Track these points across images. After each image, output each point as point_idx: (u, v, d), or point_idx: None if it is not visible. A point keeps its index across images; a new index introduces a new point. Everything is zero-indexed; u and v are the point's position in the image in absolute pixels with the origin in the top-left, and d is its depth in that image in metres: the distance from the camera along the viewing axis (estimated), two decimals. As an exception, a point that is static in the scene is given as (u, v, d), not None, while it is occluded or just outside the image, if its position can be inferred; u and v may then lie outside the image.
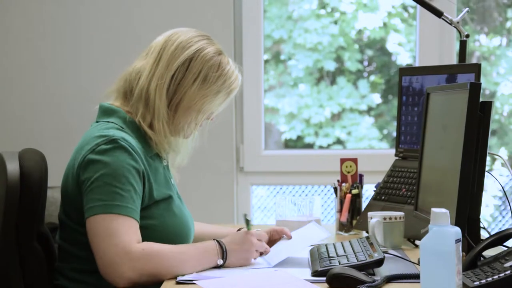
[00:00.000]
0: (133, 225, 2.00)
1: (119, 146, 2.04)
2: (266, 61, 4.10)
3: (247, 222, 2.15)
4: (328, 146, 4.22)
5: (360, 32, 4.21)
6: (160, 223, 2.11)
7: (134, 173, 2.04)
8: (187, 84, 2.16)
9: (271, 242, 2.30)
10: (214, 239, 2.08)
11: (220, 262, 2.04)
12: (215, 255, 2.05)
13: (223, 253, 2.05)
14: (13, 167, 2.07)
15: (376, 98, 4.23)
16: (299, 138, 4.23)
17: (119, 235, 1.96)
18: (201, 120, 2.21)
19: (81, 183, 2.04)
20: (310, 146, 4.22)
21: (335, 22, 4.14)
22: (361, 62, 4.22)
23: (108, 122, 2.14)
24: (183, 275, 1.97)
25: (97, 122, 2.18)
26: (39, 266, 2.12)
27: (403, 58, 4.23)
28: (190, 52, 2.16)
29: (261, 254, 2.15)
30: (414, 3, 3.06)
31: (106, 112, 2.17)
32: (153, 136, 2.14)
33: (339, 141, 4.22)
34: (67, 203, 2.13)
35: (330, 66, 4.18)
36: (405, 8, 4.20)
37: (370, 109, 4.23)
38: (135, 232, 2.00)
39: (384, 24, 4.17)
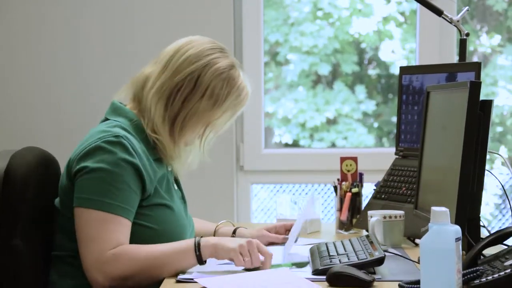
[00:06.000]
0: (120, 225, 1.99)
1: (120, 142, 2.03)
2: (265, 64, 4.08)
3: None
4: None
5: (354, 37, 4.19)
6: (150, 228, 2.09)
7: (130, 169, 2.02)
8: (194, 100, 2.11)
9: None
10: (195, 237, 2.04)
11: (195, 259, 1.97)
12: (192, 253, 1.97)
13: (198, 247, 1.97)
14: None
15: (371, 106, 4.19)
16: (295, 142, 4.21)
17: (99, 241, 1.96)
18: (206, 135, 2.18)
19: (76, 172, 2.03)
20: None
21: (331, 25, 4.12)
22: (358, 64, 4.20)
23: (115, 121, 2.13)
24: (162, 276, 1.96)
25: (105, 119, 2.18)
26: (18, 264, 2.07)
27: (398, 64, 4.20)
28: (198, 66, 2.10)
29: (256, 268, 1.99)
30: (411, 6, 3.06)
31: (115, 110, 2.17)
32: (158, 141, 2.14)
33: (334, 146, 4.20)
34: (61, 196, 2.13)
35: (325, 70, 4.15)
36: (401, 13, 4.18)
37: (365, 115, 4.19)
38: (119, 233, 1.98)
39: (379, 29, 4.15)
